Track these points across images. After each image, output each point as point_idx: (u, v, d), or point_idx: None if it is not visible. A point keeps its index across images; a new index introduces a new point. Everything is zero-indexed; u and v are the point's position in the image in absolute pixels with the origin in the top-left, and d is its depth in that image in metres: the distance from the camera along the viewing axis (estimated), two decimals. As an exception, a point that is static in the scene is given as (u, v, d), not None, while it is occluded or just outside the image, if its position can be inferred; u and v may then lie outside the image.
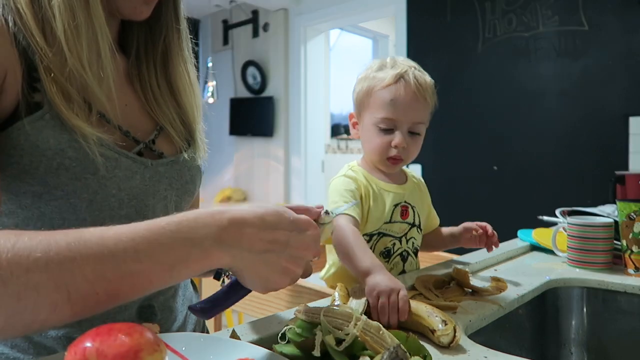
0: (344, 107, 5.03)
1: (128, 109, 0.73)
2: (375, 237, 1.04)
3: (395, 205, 1.07)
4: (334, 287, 1.00)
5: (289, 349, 0.54)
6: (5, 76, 0.58)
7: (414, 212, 1.10)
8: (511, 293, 0.90)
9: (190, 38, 0.82)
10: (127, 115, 0.72)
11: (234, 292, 0.57)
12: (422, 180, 1.21)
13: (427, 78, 1.08)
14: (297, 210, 0.62)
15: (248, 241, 0.50)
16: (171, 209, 0.74)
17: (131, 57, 0.77)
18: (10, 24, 0.59)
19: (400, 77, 1.04)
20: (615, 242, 1.10)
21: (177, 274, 0.48)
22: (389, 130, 1.05)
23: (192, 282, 0.87)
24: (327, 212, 0.66)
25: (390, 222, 1.05)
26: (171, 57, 0.78)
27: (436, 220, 1.21)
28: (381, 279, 0.78)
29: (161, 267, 0.46)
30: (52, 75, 0.59)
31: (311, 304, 0.77)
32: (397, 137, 1.04)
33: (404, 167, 1.17)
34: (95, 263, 0.43)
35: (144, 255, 0.45)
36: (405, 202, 1.09)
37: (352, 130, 1.15)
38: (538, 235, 1.32)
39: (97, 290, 0.44)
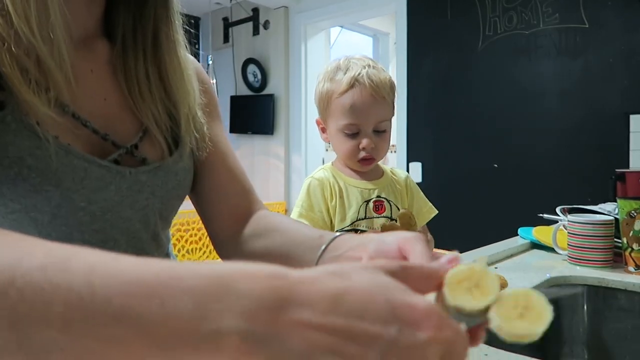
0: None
1: (107, 104, 0.65)
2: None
3: (367, 202, 1.08)
4: None
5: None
6: None
7: (390, 206, 1.11)
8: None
9: (190, 30, 0.74)
10: (106, 111, 0.64)
11: None
12: (406, 175, 1.21)
13: (382, 76, 1.08)
14: (415, 275, 0.36)
15: (302, 336, 0.28)
16: (153, 217, 0.67)
17: (116, 45, 0.68)
18: None
19: (355, 81, 1.04)
20: (615, 239, 1.10)
21: None
22: (354, 134, 1.07)
23: None
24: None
25: (365, 218, 1.07)
26: (161, 40, 0.68)
27: (429, 213, 1.21)
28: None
29: (151, 349, 0.28)
30: (5, 45, 0.52)
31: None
32: (364, 141, 1.07)
33: (382, 164, 1.19)
34: (68, 305, 0.29)
35: (135, 320, 0.28)
36: (378, 197, 1.10)
37: (321, 135, 1.18)
38: (538, 233, 1.32)
39: (62, 347, 0.29)
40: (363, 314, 0.29)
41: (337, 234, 0.60)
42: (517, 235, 1.39)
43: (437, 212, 1.20)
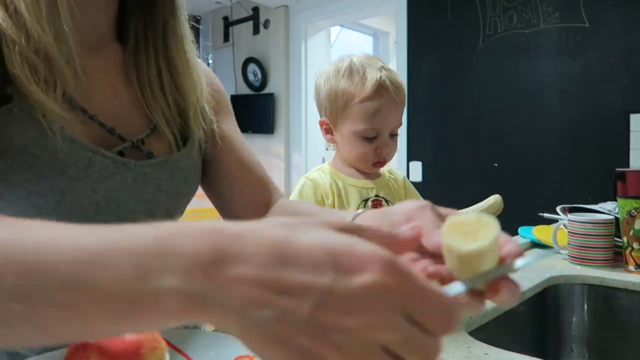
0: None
1: (117, 101, 0.67)
2: None
3: (365, 201, 1.09)
4: None
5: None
6: None
7: (388, 205, 1.11)
8: (512, 290, 0.90)
9: (193, 25, 0.77)
10: (115, 108, 0.66)
11: None
12: (403, 176, 1.22)
13: (399, 79, 1.09)
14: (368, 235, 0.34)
15: (237, 291, 0.28)
16: (160, 213, 0.67)
17: (129, 45, 0.70)
18: None
19: (379, 86, 1.03)
20: (615, 239, 1.10)
21: (125, 327, 0.30)
22: (371, 139, 1.07)
23: None
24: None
25: None
26: (169, 34, 0.70)
27: None
28: None
29: (104, 312, 0.29)
30: (17, 47, 0.54)
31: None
32: (383, 145, 1.07)
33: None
34: (19, 276, 0.29)
35: (83, 285, 0.28)
36: (377, 196, 1.11)
37: (325, 136, 1.15)
38: (539, 232, 1.32)
39: (19, 318, 0.29)
40: (297, 263, 0.28)
41: (359, 211, 0.57)
42: (518, 234, 1.39)
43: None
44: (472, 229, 0.33)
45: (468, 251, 0.33)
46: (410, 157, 3.21)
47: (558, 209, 1.33)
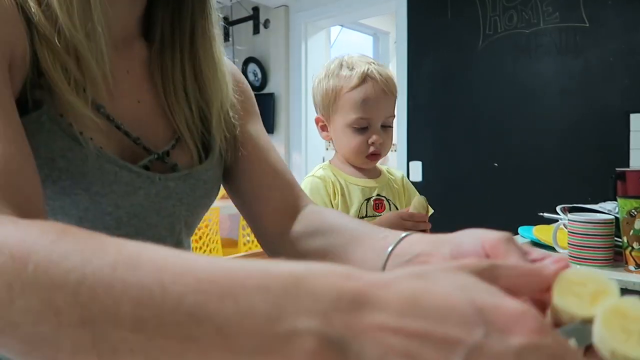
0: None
1: (141, 107, 0.64)
2: None
3: (367, 200, 1.09)
4: None
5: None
6: (12, 57, 0.50)
7: (389, 205, 1.12)
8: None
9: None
10: (140, 114, 0.63)
11: None
12: (402, 175, 1.23)
13: (388, 72, 1.11)
14: (515, 274, 0.33)
15: (378, 340, 0.26)
16: (178, 225, 0.66)
17: (155, 45, 0.67)
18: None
19: (366, 76, 1.06)
20: (616, 239, 1.10)
21: None
22: (363, 129, 1.07)
23: None
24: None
25: (366, 216, 1.09)
26: (197, 35, 0.67)
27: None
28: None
29: (226, 349, 0.27)
30: (48, 43, 0.53)
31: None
32: (374, 136, 1.08)
33: (378, 164, 1.20)
34: (138, 303, 0.28)
35: (209, 319, 0.27)
36: (378, 195, 1.11)
37: (321, 134, 1.18)
38: (539, 232, 1.32)
39: (132, 348, 0.28)
40: (443, 316, 0.26)
41: (403, 233, 0.54)
42: (518, 234, 1.39)
43: (432, 211, 1.21)
44: (584, 290, 0.31)
45: (583, 317, 0.30)
46: (410, 157, 3.21)
47: (558, 209, 1.33)
